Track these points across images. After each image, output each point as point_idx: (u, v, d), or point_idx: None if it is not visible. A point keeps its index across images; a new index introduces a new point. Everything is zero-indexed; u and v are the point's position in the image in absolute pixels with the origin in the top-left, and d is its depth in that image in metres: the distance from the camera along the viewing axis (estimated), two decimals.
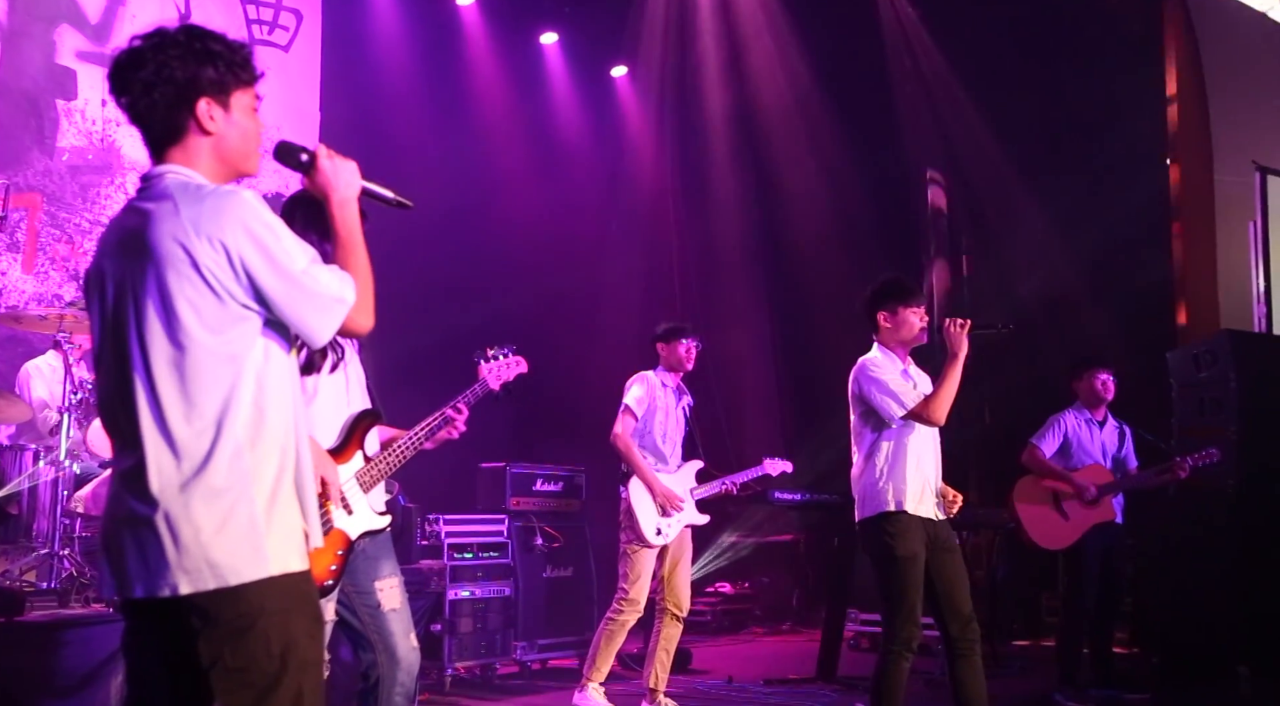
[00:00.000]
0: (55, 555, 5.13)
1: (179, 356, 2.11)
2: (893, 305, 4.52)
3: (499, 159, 9.14)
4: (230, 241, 2.11)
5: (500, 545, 6.68)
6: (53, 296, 6.92)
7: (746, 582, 9.53)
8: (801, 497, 6.82)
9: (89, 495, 5.54)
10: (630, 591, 5.45)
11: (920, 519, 4.36)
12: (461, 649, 6.32)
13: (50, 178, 7.08)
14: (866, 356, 4.56)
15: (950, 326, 4.40)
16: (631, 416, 5.56)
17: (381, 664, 3.32)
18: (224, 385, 2.12)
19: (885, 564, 4.36)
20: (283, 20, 8.18)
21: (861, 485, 4.47)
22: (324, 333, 2.23)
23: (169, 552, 2.06)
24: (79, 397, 5.43)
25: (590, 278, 9.46)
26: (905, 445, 4.41)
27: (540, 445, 7.90)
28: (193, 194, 2.16)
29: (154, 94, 2.20)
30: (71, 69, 7.19)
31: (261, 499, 2.12)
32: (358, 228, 2.41)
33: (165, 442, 2.09)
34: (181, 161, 2.24)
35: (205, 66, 2.22)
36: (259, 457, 2.14)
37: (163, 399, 2.10)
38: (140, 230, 2.15)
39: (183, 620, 2.07)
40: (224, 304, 2.12)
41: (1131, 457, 6.31)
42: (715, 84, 10.35)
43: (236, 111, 2.28)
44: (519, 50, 9.58)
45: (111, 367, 2.19)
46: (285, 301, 2.16)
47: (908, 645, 4.30)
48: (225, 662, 2.05)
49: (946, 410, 4.37)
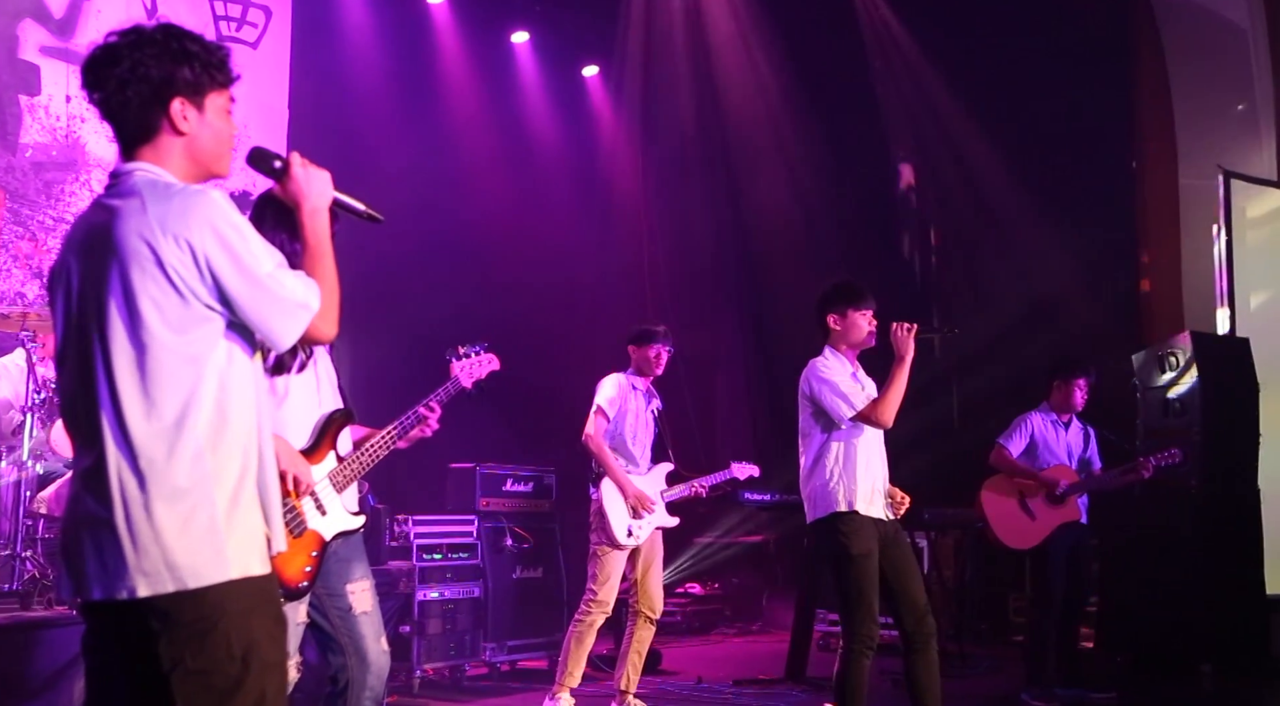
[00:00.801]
0: (17, 557, 5.07)
1: (140, 355, 2.09)
2: (842, 308, 4.59)
3: (469, 158, 9.10)
4: (196, 241, 2.09)
5: (470, 546, 6.65)
6: (16, 294, 6.83)
7: (716, 583, 9.55)
8: (771, 498, 6.84)
9: (52, 496, 5.48)
10: (599, 592, 5.44)
11: (871, 519, 4.41)
12: (430, 650, 6.29)
13: (13, 174, 6.98)
14: (816, 358, 4.62)
15: (898, 330, 4.47)
16: (603, 417, 5.54)
17: (351, 667, 3.30)
18: (185, 386, 2.10)
19: (841, 563, 4.40)
20: (251, 17, 8.11)
21: (812, 486, 4.51)
22: (287, 337, 2.22)
23: (128, 554, 2.04)
24: (43, 397, 5.36)
25: (561, 277, 9.44)
26: (855, 446, 4.46)
27: (510, 445, 7.87)
28: (161, 192, 2.15)
29: (128, 91, 2.19)
30: (35, 64, 7.09)
31: (223, 501, 2.10)
32: (327, 236, 2.40)
33: (125, 442, 2.07)
34: (152, 160, 2.23)
35: (181, 66, 2.21)
36: (220, 460, 2.12)
37: (123, 398, 2.09)
38: (106, 227, 2.14)
39: (142, 622, 2.05)
40: (187, 304, 2.10)
41: (1096, 459, 6.36)
42: (687, 84, 10.36)
43: (210, 113, 2.27)
44: (490, 49, 9.54)
45: (73, 365, 2.17)
46: (249, 304, 2.15)
47: (867, 642, 4.34)
48: (186, 665, 2.03)
49: (894, 412, 4.43)
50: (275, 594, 2.22)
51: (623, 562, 5.49)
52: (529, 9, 9.66)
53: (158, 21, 2.39)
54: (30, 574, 5.08)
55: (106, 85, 2.20)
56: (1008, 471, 6.20)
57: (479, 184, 9.13)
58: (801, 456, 4.61)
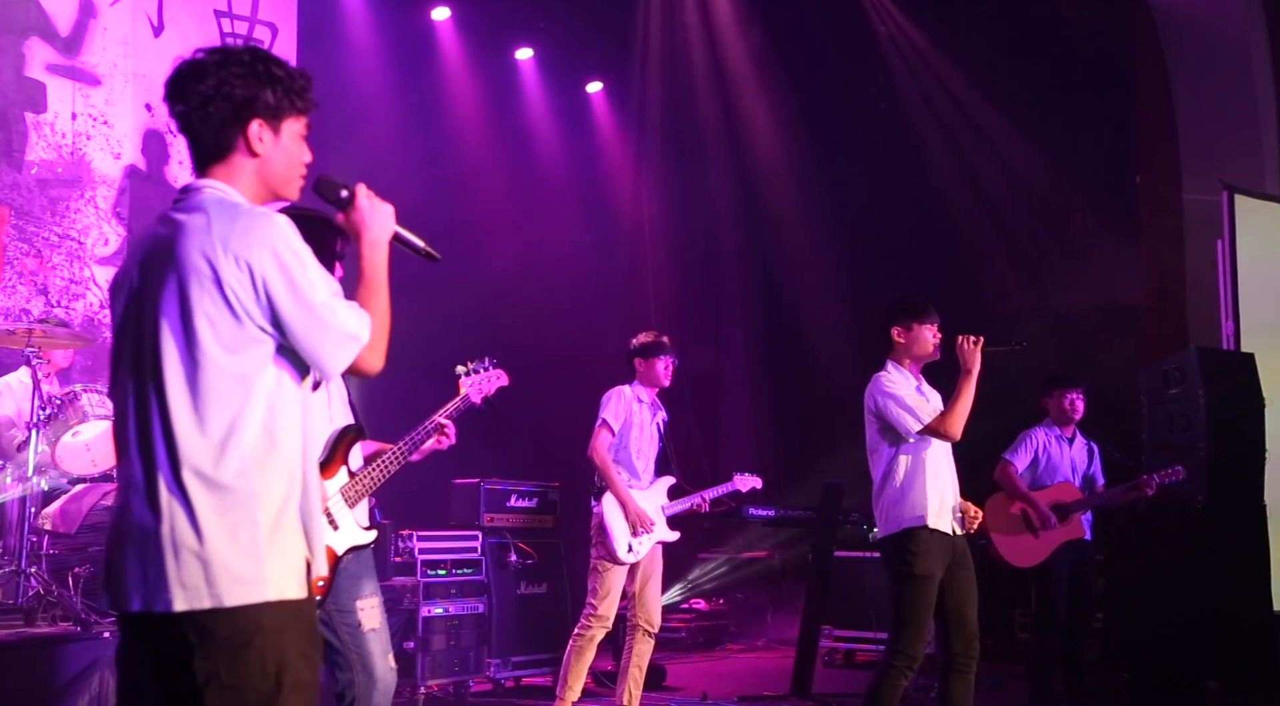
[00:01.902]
0: (22, 573, 5.07)
1: (192, 371, 2.12)
2: (906, 320, 4.53)
3: (473, 174, 9.13)
4: (256, 262, 2.12)
5: (474, 562, 6.64)
6: (20, 311, 6.84)
7: (721, 599, 9.52)
8: (776, 513, 6.84)
9: (57, 512, 5.49)
10: (599, 607, 5.42)
11: (940, 534, 4.38)
12: (435, 666, 6.27)
13: (18, 191, 7.01)
14: (879, 372, 4.57)
15: (964, 342, 4.43)
16: (608, 431, 5.53)
17: (359, 684, 3.30)
18: (233, 405, 2.13)
19: (901, 580, 4.37)
20: (257, 34, 8.15)
21: (882, 503, 4.48)
22: (335, 367, 2.22)
23: (169, 567, 2.06)
24: (47, 413, 5.37)
25: (564, 292, 9.45)
26: (923, 460, 4.42)
27: (514, 461, 7.87)
28: (227, 211, 2.18)
29: (209, 107, 2.22)
30: (41, 82, 7.13)
31: (265, 522, 2.12)
32: (384, 269, 2.40)
33: (174, 456, 2.10)
34: (223, 178, 2.26)
35: (265, 89, 2.25)
36: (266, 480, 2.14)
37: (174, 412, 2.11)
38: (170, 240, 2.17)
39: (179, 635, 2.07)
40: (241, 324, 2.13)
41: (1100, 475, 6.36)
42: (692, 99, 10.39)
43: (286, 137, 2.30)
44: (494, 65, 9.58)
45: (127, 374, 2.20)
46: (301, 330, 2.16)
47: (910, 662, 4.31)
48: (220, 679, 2.05)
49: (962, 425, 4.39)
50: (312, 616, 2.23)
51: (623, 577, 5.48)
52: (533, 25, 9.70)
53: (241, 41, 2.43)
54: (35, 590, 5.08)
55: (190, 100, 2.23)
56: (1011, 491, 6.19)
57: (482, 199, 9.15)
58: (871, 472, 4.57)
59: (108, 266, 7.37)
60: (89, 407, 5.51)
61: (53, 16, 7.19)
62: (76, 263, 7.23)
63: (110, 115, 7.39)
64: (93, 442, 5.51)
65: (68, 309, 7.07)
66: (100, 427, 5.51)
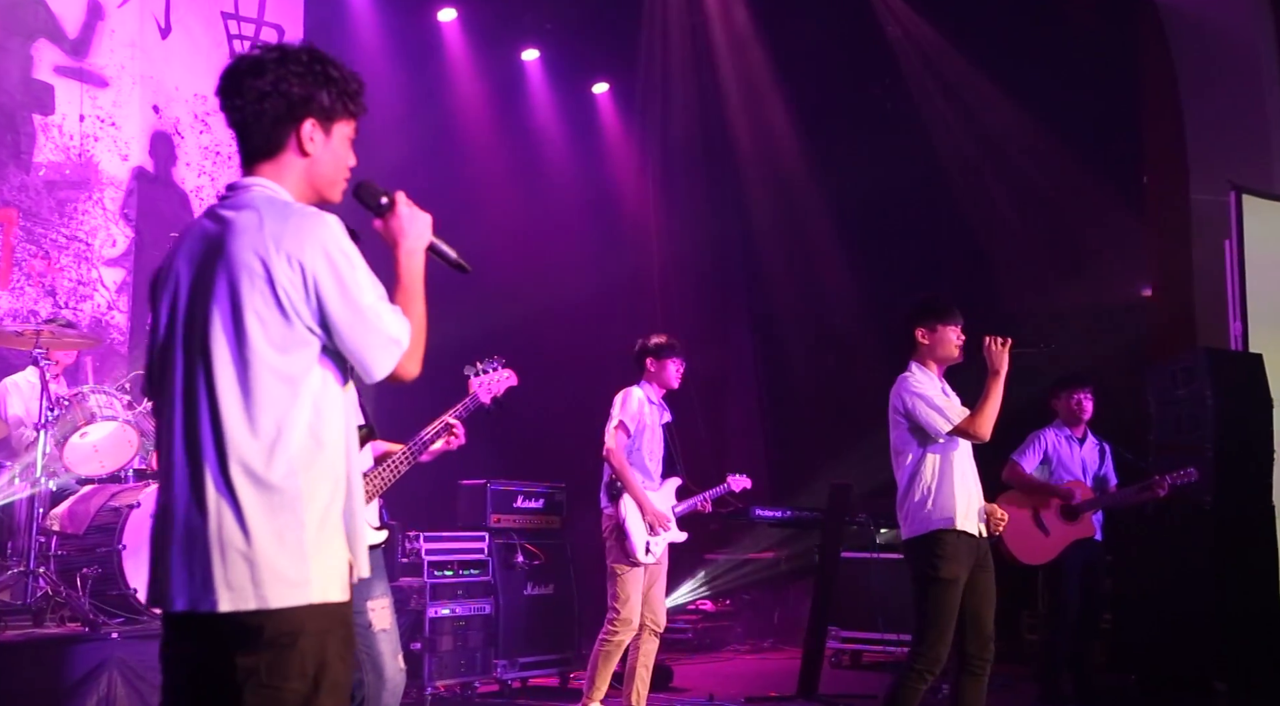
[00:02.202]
0: (31, 573, 5.07)
1: (242, 370, 2.12)
2: (931, 322, 4.52)
3: (480, 174, 9.14)
4: (308, 261, 2.12)
5: (481, 562, 6.65)
6: (29, 312, 6.86)
7: (728, 600, 9.51)
8: (783, 514, 6.83)
9: (65, 513, 5.49)
10: (622, 611, 5.42)
11: (967, 536, 4.37)
12: (442, 667, 6.28)
13: (26, 193, 7.03)
14: (904, 374, 4.54)
15: (991, 343, 4.42)
16: (625, 432, 5.52)
17: (369, 684, 3.31)
18: (281, 405, 2.13)
19: (926, 583, 4.35)
20: (264, 36, 8.16)
21: (908, 504, 4.46)
22: (379, 370, 2.21)
23: (215, 567, 2.07)
24: (55, 414, 5.38)
25: (570, 293, 9.45)
26: (951, 461, 4.41)
27: (521, 462, 7.87)
28: (279, 209, 2.18)
29: (265, 104, 2.22)
30: (49, 84, 7.15)
31: (311, 524, 2.13)
32: (420, 277, 2.39)
33: (223, 455, 2.10)
34: (272, 176, 2.26)
35: (321, 89, 2.25)
36: (312, 482, 2.14)
37: (224, 410, 2.11)
38: (220, 238, 2.17)
39: (222, 634, 2.08)
40: (290, 324, 2.13)
41: (1111, 475, 6.35)
42: (697, 100, 10.39)
43: (336, 139, 2.30)
44: (500, 66, 9.59)
45: (173, 372, 2.19)
46: (348, 331, 2.16)
47: (933, 666, 4.29)
48: (260, 678, 2.07)
49: (991, 426, 4.38)
50: (350, 619, 2.23)
51: (641, 579, 5.48)
52: (539, 26, 9.70)
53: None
54: (43, 591, 5.08)
55: (246, 94, 2.23)
56: (1021, 487, 6.18)
57: (489, 200, 9.15)
58: (896, 474, 4.55)
59: (115, 268, 7.39)
60: (97, 408, 5.52)
61: (60, 18, 7.21)
62: (84, 264, 7.24)
63: (118, 117, 7.41)
64: (100, 443, 5.52)
65: (75, 310, 7.09)
66: (108, 428, 5.52)
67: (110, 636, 4.75)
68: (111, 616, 5.03)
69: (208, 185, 7.82)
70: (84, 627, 4.88)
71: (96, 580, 5.12)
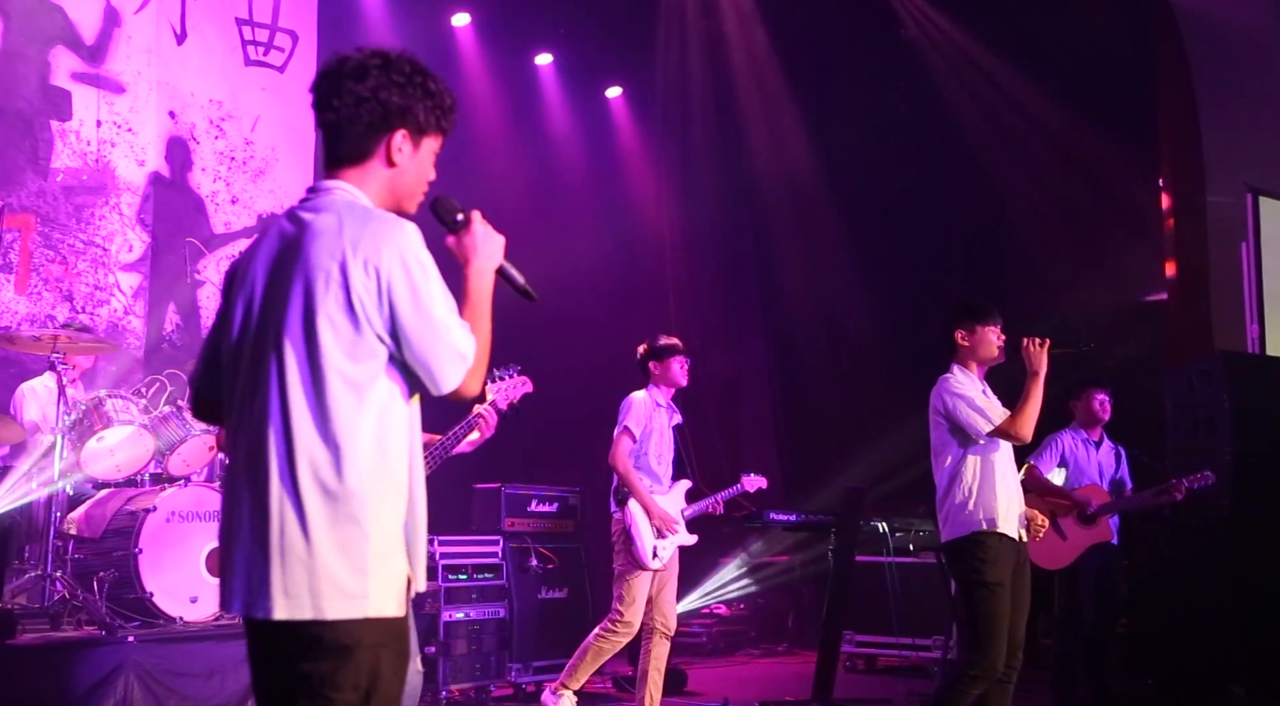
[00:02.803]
0: (48, 577, 5.10)
1: (314, 375, 2.11)
2: (970, 323, 4.51)
3: (494, 179, 9.15)
4: (384, 268, 2.10)
5: (495, 566, 6.66)
6: (46, 317, 6.90)
7: (742, 603, 9.50)
8: (797, 518, 6.81)
9: (82, 517, 5.53)
10: (626, 614, 5.42)
11: (1008, 539, 4.35)
12: (456, 671, 6.29)
13: (44, 198, 7.07)
14: (945, 375, 4.53)
15: (1029, 345, 4.42)
16: (630, 437, 5.53)
17: None
18: (349, 412, 2.11)
19: (973, 588, 4.32)
20: (278, 41, 8.20)
21: (948, 506, 4.44)
22: (447, 383, 2.17)
23: (274, 573, 2.06)
24: (72, 419, 5.41)
25: (584, 296, 9.45)
26: (991, 462, 4.40)
27: (535, 466, 7.88)
28: (360, 214, 2.17)
29: (361, 109, 2.22)
30: (66, 90, 7.19)
31: (375, 537, 2.11)
32: (488, 296, 2.36)
33: (291, 460, 2.08)
34: (355, 181, 2.25)
35: (418, 102, 2.26)
36: (378, 493, 2.13)
37: (294, 415, 2.10)
38: (298, 239, 2.16)
39: (280, 640, 2.09)
40: (360, 331, 2.11)
41: (1128, 479, 6.31)
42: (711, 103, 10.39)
43: (423, 152, 2.31)
44: (514, 71, 9.61)
45: (244, 372, 2.18)
46: (418, 341, 2.13)
47: (990, 672, 4.24)
48: (313, 687, 2.07)
49: (1032, 427, 4.38)
50: (405, 633, 2.21)
51: (649, 584, 5.48)
52: (552, 31, 9.72)
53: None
54: (60, 594, 5.11)
55: (344, 97, 2.22)
56: (1039, 491, 6.15)
57: (503, 205, 9.13)
58: (935, 476, 4.53)
59: (132, 273, 7.43)
60: (114, 413, 5.55)
61: (78, 25, 7.26)
62: (101, 269, 7.28)
63: (134, 122, 7.45)
64: (117, 447, 5.55)
65: (92, 315, 7.13)
66: (125, 433, 5.55)
67: (126, 640, 4.77)
68: (128, 620, 5.06)
69: (223, 190, 7.86)
70: (100, 631, 4.91)
71: (113, 584, 5.14)
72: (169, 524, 5.28)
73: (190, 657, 4.87)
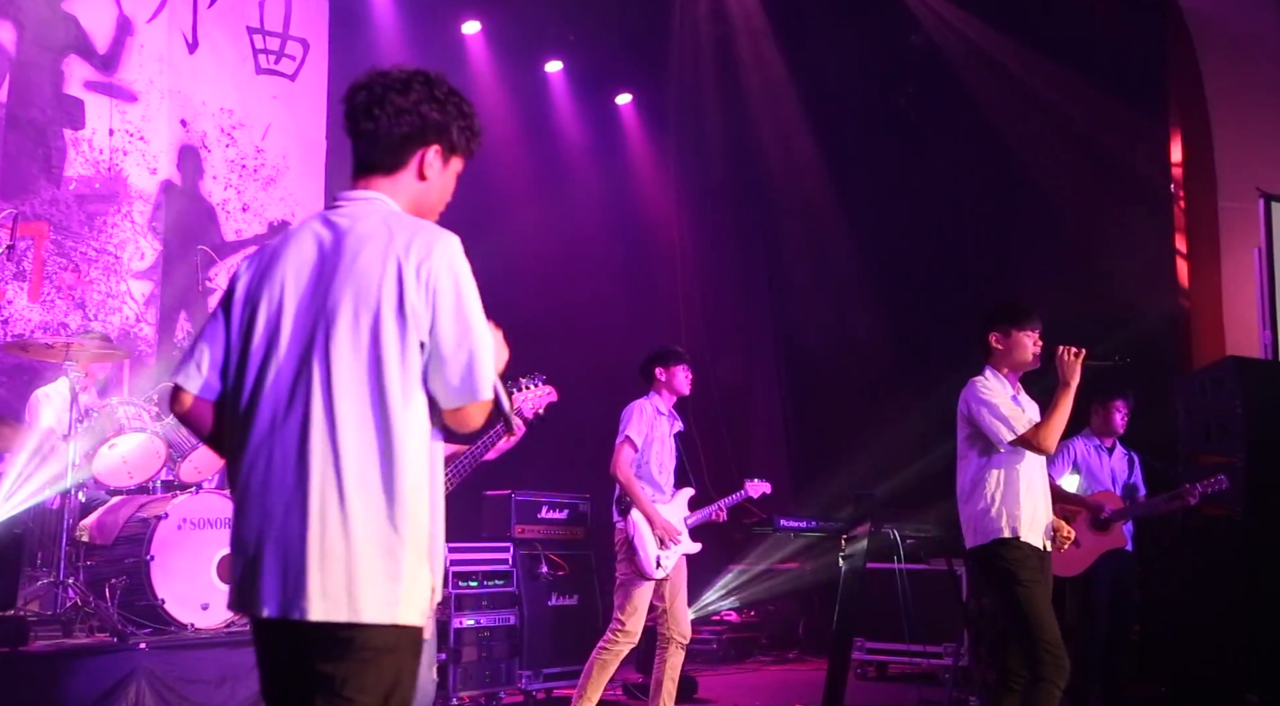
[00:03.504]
0: (60, 583, 5.12)
1: (365, 378, 2.11)
2: (1006, 327, 4.41)
3: (504, 185, 9.16)
4: (435, 273, 2.13)
5: (505, 573, 6.66)
6: (59, 324, 6.93)
7: (752, 610, 9.48)
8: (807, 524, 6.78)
9: (94, 524, 5.54)
10: (627, 623, 5.40)
11: (1031, 547, 4.26)
12: (466, 678, 6.29)
13: (57, 206, 7.11)
14: (976, 378, 4.43)
15: (1064, 354, 4.31)
16: (631, 447, 5.51)
17: None
18: (399, 418, 2.11)
19: (1011, 589, 4.21)
20: (289, 50, 8.23)
21: (970, 511, 4.35)
22: (457, 396, 2.15)
23: (312, 574, 2.06)
24: (84, 426, 5.43)
25: (594, 303, 9.47)
26: (1016, 471, 4.30)
27: (545, 473, 7.88)
28: (408, 223, 2.20)
29: (401, 120, 2.26)
30: (79, 99, 7.23)
31: (412, 544, 2.12)
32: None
33: (339, 463, 2.08)
34: (387, 192, 2.28)
35: (455, 121, 2.31)
36: (419, 501, 2.14)
37: (342, 419, 2.09)
38: (340, 245, 2.17)
39: (307, 640, 2.08)
40: (407, 333, 2.12)
41: (1141, 485, 6.29)
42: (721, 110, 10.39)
43: (449, 172, 2.35)
44: (524, 78, 9.63)
45: (279, 376, 2.15)
46: (451, 347, 2.13)
47: (1058, 667, 4.09)
48: (334, 689, 2.07)
49: (1057, 438, 4.29)
50: (421, 643, 2.23)
51: (650, 592, 5.45)
52: (562, 38, 9.74)
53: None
54: (72, 601, 5.13)
55: (386, 106, 2.25)
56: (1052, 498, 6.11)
57: (513, 211, 9.18)
58: (958, 478, 4.45)
59: (144, 280, 7.46)
60: (126, 420, 5.57)
61: (91, 34, 7.30)
62: (113, 277, 7.31)
63: (146, 131, 7.49)
64: (129, 455, 5.57)
65: (105, 322, 7.16)
66: (136, 440, 5.57)
67: (138, 647, 4.79)
68: (139, 627, 5.07)
69: (234, 198, 7.89)
70: (112, 638, 4.92)
71: (125, 590, 5.16)
72: (180, 531, 5.30)
73: (201, 664, 4.88)
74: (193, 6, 7.74)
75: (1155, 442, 6.74)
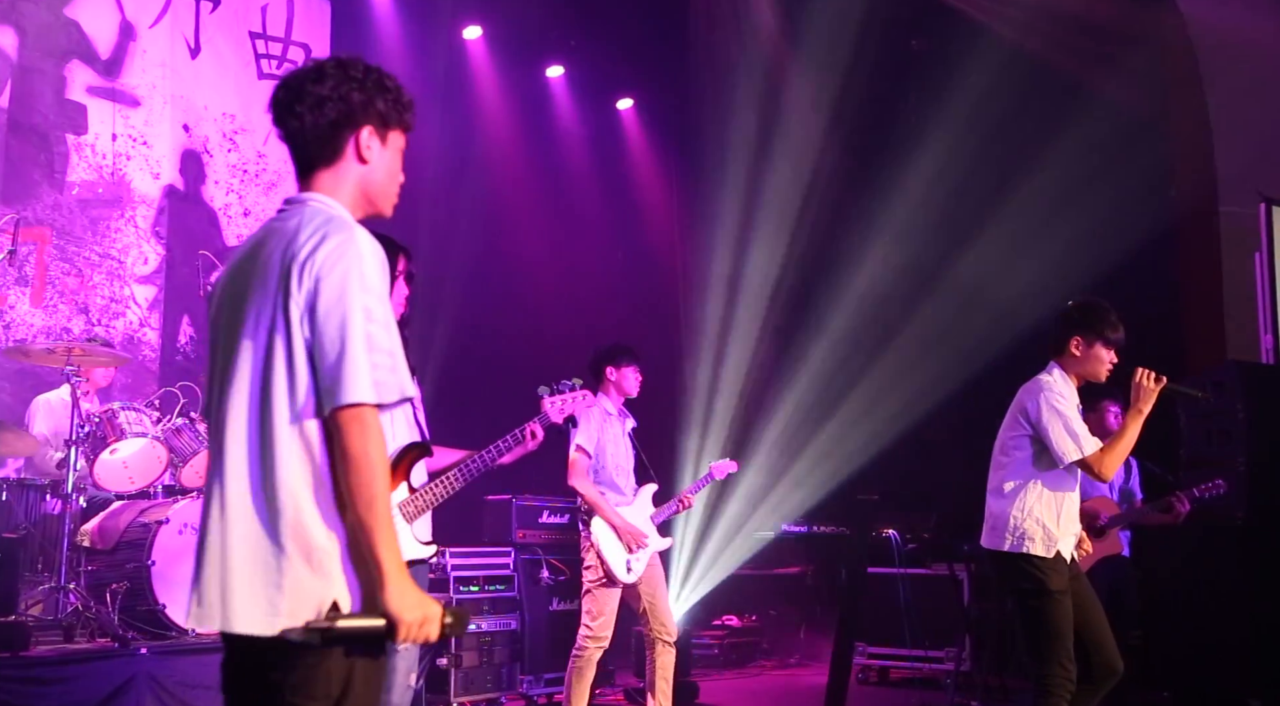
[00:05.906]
0: (61, 589, 5.13)
1: (247, 385, 2.10)
2: (1091, 337, 4.22)
3: (505, 190, 9.18)
4: (320, 263, 2.07)
5: (506, 578, 6.66)
6: (61, 330, 6.94)
7: (754, 615, 9.47)
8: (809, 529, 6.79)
9: (95, 529, 5.55)
10: (594, 628, 5.36)
11: (1060, 557, 4.16)
12: (467, 683, 6.29)
13: (60, 211, 7.12)
14: (1046, 378, 4.24)
15: (1143, 378, 4.12)
16: (585, 455, 5.43)
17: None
18: (283, 423, 2.10)
19: (1038, 599, 4.09)
20: (291, 55, 8.25)
21: (1004, 511, 4.18)
22: (326, 398, 2.05)
23: (204, 584, 2.09)
24: (86, 431, 5.44)
25: (595, 309, 9.47)
26: (1062, 484, 4.17)
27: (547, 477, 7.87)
28: (318, 220, 2.15)
29: (325, 108, 2.23)
30: (82, 104, 7.25)
31: (300, 555, 2.09)
32: None
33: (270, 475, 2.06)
34: (329, 187, 2.25)
35: (378, 97, 2.27)
36: (303, 511, 2.10)
37: (230, 428, 2.10)
38: (261, 247, 2.17)
39: (252, 649, 2.09)
40: (291, 333, 2.09)
41: (1138, 490, 6.29)
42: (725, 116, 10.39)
43: (391, 149, 2.32)
44: (525, 83, 9.64)
45: (222, 385, 2.15)
46: (324, 343, 2.05)
47: (1067, 678, 4.01)
48: (283, 695, 2.06)
49: (1117, 467, 4.15)
50: (384, 642, 2.18)
51: (617, 597, 5.41)
52: (563, 43, 9.75)
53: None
54: (73, 606, 5.14)
55: (305, 100, 2.24)
56: None
57: (513, 216, 9.20)
58: (997, 471, 4.28)
59: (147, 285, 7.47)
60: (127, 425, 5.57)
61: (93, 39, 7.31)
62: (116, 281, 7.33)
63: (149, 136, 7.50)
64: (130, 460, 5.58)
65: (108, 328, 7.17)
66: (138, 445, 5.58)
67: (139, 652, 4.79)
68: (141, 632, 5.07)
69: (236, 203, 7.90)
70: (113, 643, 4.93)
71: (126, 595, 5.17)
72: (181, 536, 5.30)
73: (202, 669, 4.88)
74: (195, 12, 7.76)
75: (1156, 447, 6.74)
